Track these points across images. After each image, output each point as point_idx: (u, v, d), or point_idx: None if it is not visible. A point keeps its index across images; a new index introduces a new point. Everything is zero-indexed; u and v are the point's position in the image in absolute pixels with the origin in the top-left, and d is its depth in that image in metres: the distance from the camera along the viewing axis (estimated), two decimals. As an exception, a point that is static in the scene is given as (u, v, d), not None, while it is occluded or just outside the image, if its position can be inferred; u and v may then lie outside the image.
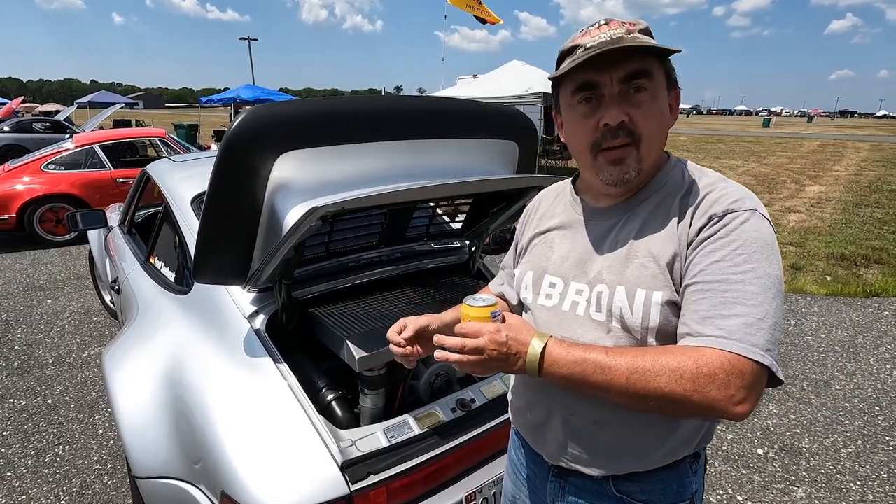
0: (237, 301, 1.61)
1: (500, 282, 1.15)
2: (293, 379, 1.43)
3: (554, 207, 0.96)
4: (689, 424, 0.83)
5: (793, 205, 8.08)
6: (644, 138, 0.76)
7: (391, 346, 1.01)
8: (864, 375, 2.95)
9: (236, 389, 1.42)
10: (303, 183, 1.33)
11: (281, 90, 17.91)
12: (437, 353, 0.78)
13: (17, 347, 3.27)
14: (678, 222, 0.76)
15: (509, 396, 1.04)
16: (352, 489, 1.26)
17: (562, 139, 0.87)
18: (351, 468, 1.28)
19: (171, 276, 1.98)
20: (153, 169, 2.48)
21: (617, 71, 0.73)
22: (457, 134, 1.60)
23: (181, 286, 1.84)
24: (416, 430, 1.42)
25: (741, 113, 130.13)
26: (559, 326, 0.85)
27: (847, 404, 2.66)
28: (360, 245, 1.85)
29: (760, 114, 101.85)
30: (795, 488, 2.06)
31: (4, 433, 2.41)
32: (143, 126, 16.48)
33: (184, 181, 2.14)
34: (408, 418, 1.45)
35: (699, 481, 0.91)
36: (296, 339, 1.64)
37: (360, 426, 1.44)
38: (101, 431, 2.42)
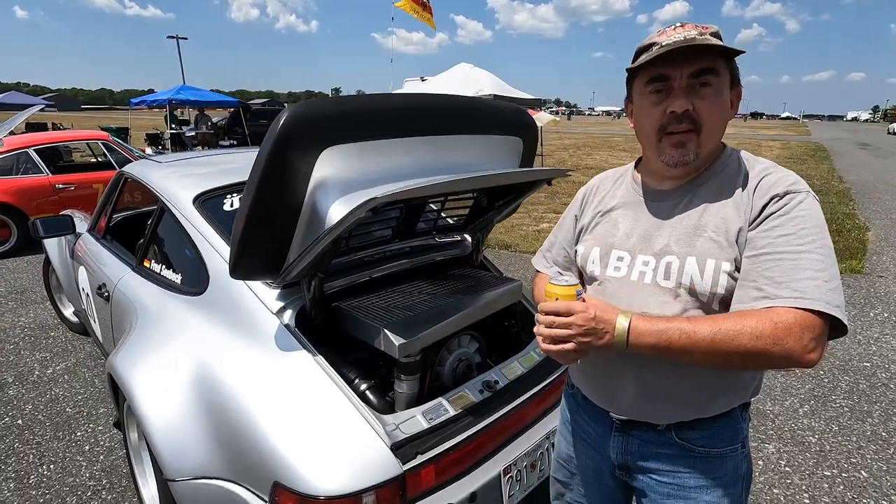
0: (262, 298, 1.62)
1: (548, 264, 1.22)
2: (331, 370, 1.46)
3: (615, 189, 1.06)
4: (749, 374, 0.96)
5: (724, 198, 8.79)
6: (705, 127, 0.88)
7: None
8: (806, 345, 3.32)
9: (277, 383, 1.44)
10: (343, 177, 1.37)
11: (213, 91, 17.16)
12: (535, 329, 0.86)
13: (-34, 368, 3.00)
14: (741, 200, 0.89)
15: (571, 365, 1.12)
16: (404, 469, 1.32)
17: (630, 125, 0.98)
18: (400, 449, 1.34)
19: (176, 278, 1.92)
20: (136, 170, 2.38)
21: (687, 67, 0.85)
22: (473, 130, 1.69)
23: (193, 287, 1.80)
24: (452, 412, 1.50)
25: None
26: (629, 295, 0.95)
27: (797, 371, 2.99)
28: (377, 240, 1.89)
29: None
30: (767, 445, 2.32)
31: (-26, 458, 2.23)
32: (60, 130, 15.21)
33: (179, 181, 2.09)
34: (442, 401, 1.52)
35: (747, 428, 1.04)
36: (320, 332, 1.66)
37: (395, 412, 1.50)
38: (86, 448, 2.30)
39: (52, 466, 2.18)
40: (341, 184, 1.38)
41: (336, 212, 1.35)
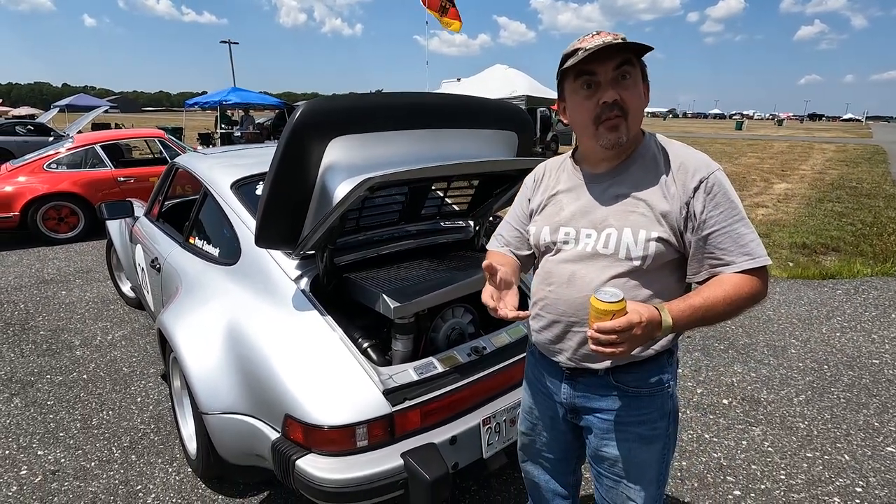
0: (283, 267, 1.90)
1: (500, 245, 1.38)
2: (338, 328, 1.72)
3: (558, 176, 1.25)
4: None
5: (761, 200, 8.60)
6: (630, 112, 1.07)
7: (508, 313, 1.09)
8: (816, 342, 3.35)
9: (292, 336, 1.70)
10: (349, 162, 1.63)
11: (261, 93, 17.99)
12: (593, 347, 0.96)
13: (42, 332, 3.47)
14: (666, 184, 1.08)
15: (529, 323, 1.30)
16: (393, 410, 1.56)
17: (564, 122, 1.18)
18: (391, 394, 1.58)
19: (214, 251, 2.24)
20: (185, 161, 2.74)
21: (610, 63, 1.04)
22: (469, 125, 1.92)
23: (227, 259, 2.11)
24: (440, 369, 1.72)
25: (715, 116, 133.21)
26: (574, 262, 1.15)
27: (801, 364, 3.04)
28: (384, 222, 2.14)
29: (734, 117, 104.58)
30: (754, 428, 2.42)
31: (49, 402, 2.63)
32: (122, 129, 16.41)
33: (220, 170, 2.41)
34: (432, 359, 1.75)
35: (673, 373, 1.21)
36: (331, 299, 1.92)
37: (392, 365, 1.73)
38: (139, 399, 2.66)
39: (110, 413, 2.55)
40: (347, 168, 1.64)
41: (341, 191, 1.61)
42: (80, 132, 9.27)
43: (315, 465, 1.49)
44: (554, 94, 9.62)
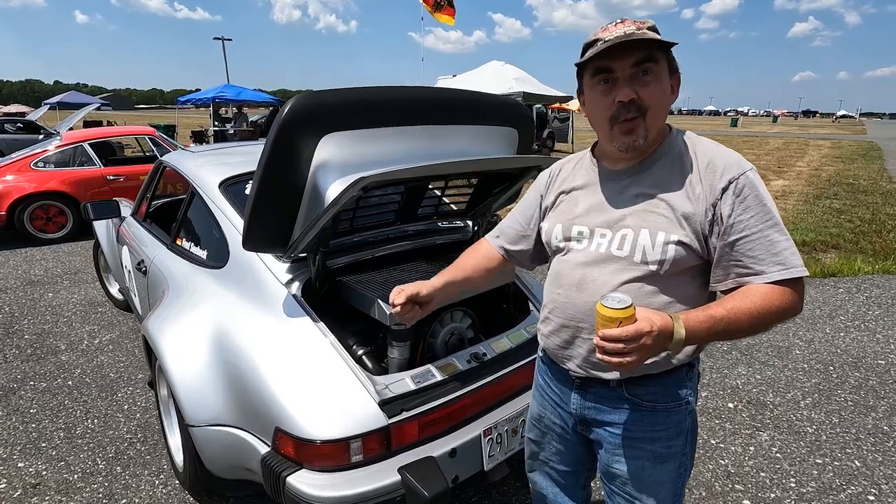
0: (273, 271, 1.81)
1: (494, 235, 1.35)
2: (331, 335, 1.63)
3: (575, 172, 1.17)
4: None
5: (759, 197, 8.56)
6: (650, 110, 0.98)
7: (392, 307, 1.26)
8: (820, 342, 3.29)
9: (282, 344, 1.62)
10: (342, 161, 1.54)
11: (255, 90, 17.80)
12: (599, 356, 0.91)
13: (26, 336, 3.36)
14: (692, 183, 0.99)
15: (539, 327, 1.23)
16: (389, 422, 1.48)
17: (584, 114, 1.10)
18: (387, 406, 1.50)
19: (202, 254, 2.15)
20: (173, 159, 2.64)
21: (628, 59, 0.95)
22: (468, 121, 1.83)
23: (215, 262, 2.01)
24: (439, 377, 1.64)
25: (710, 113, 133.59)
26: (585, 264, 1.07)
27: (805, 365, 2.98)
28: (380, 222, 2.05)
29: (728, 114, 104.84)
30: (761, 433, 2.36)
31: (32, 411, 2.53)
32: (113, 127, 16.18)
33: (208, 168, 2.31)
34: (430, 367, 1.67)
35: (693, 388, 1.13)
36: (324, 303, 1.83)
37: (388, 374, 1.65)
38: (126, 407, 2.56)
39: (95, 421, 2.45)
40: (340, 167, 1.55)
41: (334, 191, 1.52)
42: (71, 129, 9.11)
43: (307, 482, 1.41)
44: (550, 92, 9.59)
